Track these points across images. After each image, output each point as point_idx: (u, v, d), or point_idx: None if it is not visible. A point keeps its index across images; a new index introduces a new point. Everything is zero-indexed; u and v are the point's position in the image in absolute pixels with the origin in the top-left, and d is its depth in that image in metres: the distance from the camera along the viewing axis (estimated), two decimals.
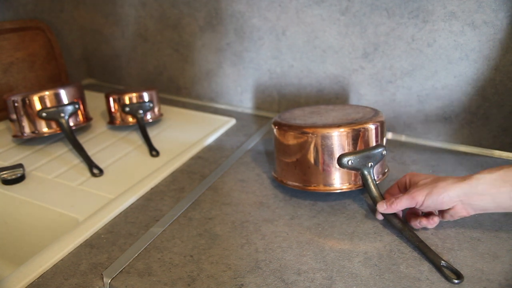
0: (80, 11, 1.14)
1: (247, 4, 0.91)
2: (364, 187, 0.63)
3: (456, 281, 0.50)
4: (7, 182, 0.70)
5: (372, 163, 0.63)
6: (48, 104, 0.79)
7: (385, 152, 0.64)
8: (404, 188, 0.61)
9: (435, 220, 0.57)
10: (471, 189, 0.52)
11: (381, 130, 0.64)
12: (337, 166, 0.62)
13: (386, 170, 0.68)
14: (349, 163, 0.61)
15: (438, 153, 0.81)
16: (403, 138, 0.88)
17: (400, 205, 0.57)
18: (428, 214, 0.58)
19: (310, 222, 0.61)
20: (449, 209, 0.55)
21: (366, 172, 0.62)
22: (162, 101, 1.03)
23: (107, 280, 0.51)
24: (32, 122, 0.79)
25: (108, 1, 1.08)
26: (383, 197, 0.61)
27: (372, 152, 0.63)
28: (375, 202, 0.61)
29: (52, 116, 0.79)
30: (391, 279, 0.51)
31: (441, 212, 0.57)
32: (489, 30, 0.73)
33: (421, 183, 0.57)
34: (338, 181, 0.63)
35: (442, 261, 0.52)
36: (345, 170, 0.62)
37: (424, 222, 0.57)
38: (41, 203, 0.65)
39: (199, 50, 1.02)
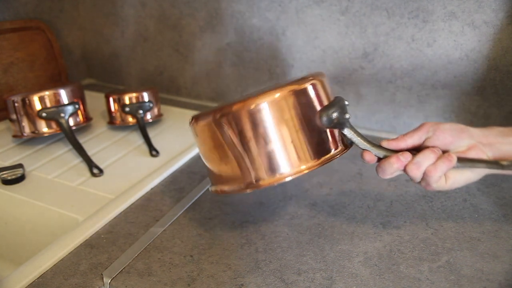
0: (80, 11, 1.14)
1: (247, 4, 0.91)
2: (350, 146, 0.51)
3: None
4: (7, 182, 0.70)
5: (349, 115, 0.50)
6: (48, 104, 0.79)
7: (347, 102, 0.52)
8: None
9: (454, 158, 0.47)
10: (495, 131, 0.48)
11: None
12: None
13: None
14: (334, 115, 0.48)
15: None
16: None
17: (412, 139, 0.49)
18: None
19: (310, 222, 0.61)
20: (463, 151, 0.48)
21: (349, 126, 0.49)
22: (162, 101, 1.03)
23: (107, 280, 0.51)
24: (32, 122, 0.79)
25: (108, 1, 1.08)
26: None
27: (339, 103, 0.50)
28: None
29: (52, 116, 0.79)
30: (391, 279, 0.51)
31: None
32: (489, 30, 0.73)
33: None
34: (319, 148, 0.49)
35: None
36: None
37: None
38: (41, 203, 0.65)
39: (199, 50, 1.02)
